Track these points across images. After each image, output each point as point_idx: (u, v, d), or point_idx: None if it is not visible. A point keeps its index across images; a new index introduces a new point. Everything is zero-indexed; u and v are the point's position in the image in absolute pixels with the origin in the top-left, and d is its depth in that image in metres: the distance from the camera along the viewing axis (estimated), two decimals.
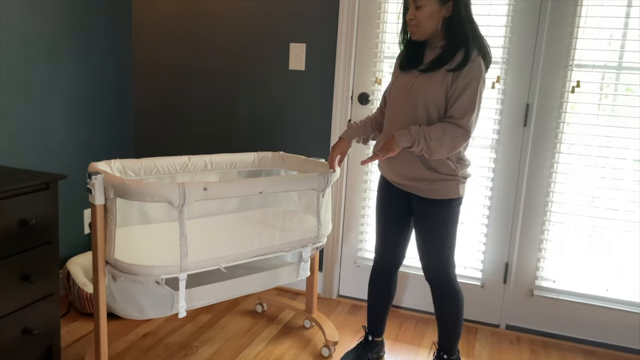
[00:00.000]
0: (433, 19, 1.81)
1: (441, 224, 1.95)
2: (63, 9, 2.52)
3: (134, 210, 2.05)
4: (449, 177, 1.89)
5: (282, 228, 2.18)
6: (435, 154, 1.82)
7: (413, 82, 1.88)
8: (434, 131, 1.80)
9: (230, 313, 2.68)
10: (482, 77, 1.80)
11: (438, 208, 1.93)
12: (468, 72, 1.78)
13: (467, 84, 1.78)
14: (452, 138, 1.80)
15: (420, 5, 1.80)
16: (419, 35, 1.86)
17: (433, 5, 1.79)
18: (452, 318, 2.05)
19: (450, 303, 2.04)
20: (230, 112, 2.93)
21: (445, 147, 1.81)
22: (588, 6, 2.33)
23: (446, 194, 1.91)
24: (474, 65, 1.79)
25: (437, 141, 1.79)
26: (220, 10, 2.85)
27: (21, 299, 1.92)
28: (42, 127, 2.50)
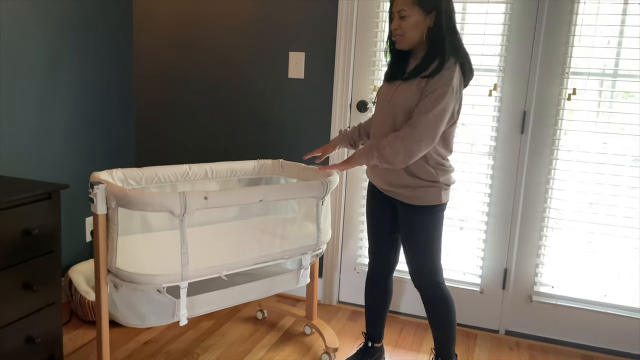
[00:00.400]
0: (417, 29, 1.86)
1: (424, 230, 1.98)
2: (64, 20, 2.55)
3: (135, 218, 2.07)
4: (430, 184, 1.93)
5: (282, 235, 2.20)
6: (393, 162, 1.85)
7: (394, 91, 1.93)
8: (387, 140, 1.85)
9: (232, 320, 2.69)
10: (451, 85, 1.81)
11: (421, 214, 1.96)
12: (438, 80, 1.81)
13: (434, 89, 1.81)
14: (405, 143, 1.82)
15: (404, 16, 1.84)
16: (404, 44, 1.90)
17: (417, 16, 1.84)
18: (444, 322, 2.08)
19: (440, 308, 2.06)
20: (231, 120, 2.95)
21: (402, 153, 1.83)
22: (584, 15, 2.36)
23: (428, 200, 1.94)
24: (446, 73, 1.81)
25: (390, 148, 1.83)
26: (220, 20, 2.88)
27: (24, 307, 1.93)
28: (44, 137, 2.53)
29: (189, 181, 2.34)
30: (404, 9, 1.84)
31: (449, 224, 2.67)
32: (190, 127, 3.03)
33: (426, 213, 1.96)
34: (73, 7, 2.59)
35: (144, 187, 2.20)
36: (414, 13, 1.83)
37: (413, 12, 1.83)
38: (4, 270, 1.84)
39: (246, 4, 2.81)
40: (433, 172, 1.92)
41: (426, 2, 1.82)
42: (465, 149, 2.61)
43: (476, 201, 2.63)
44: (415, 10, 1.83)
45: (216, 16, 2.88)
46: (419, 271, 2.04)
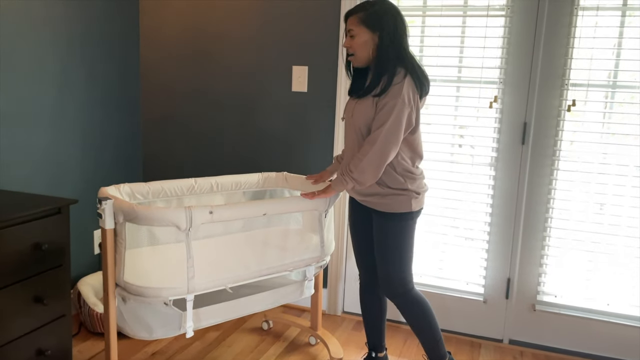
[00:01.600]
0: (367, 47, 1.94)
1: (392, 237, 2.02)
2: (72, 36, 2.62)
3: (142, 232, 2.11)
4: (399, 192, 1.98)
5: (286, 248, 2.24)
6: (365, 181, 1.94)
7: (353, 108, 2.02)
8: (353, 163, 1.94)
9: (238, 331, 2.73)
10: (400, 96, 1.87)
11: (390, 221, 2.01)
12: (387, 94, 1.90)
13: (385, 103, 1.89)
14: (368, 159, 1.90)
15: (354, 35, 1.94)
16: (358, 62, 1.99)
17: (365, 35, 1.93)
18: (423, 325, 2.11)
19: (415, 313, 2.09)
20: (235, 133, 3.00)
21: (368, 170, 1.92)
22: (582, 27, 2.39)
23: (398, 207, 1.99)
24: (395, 88, 1.89)
25: (356, 170, 1.93)
26: (224, 35, 2.93)
27: (34, 320, 1.98)
28: (54, 153, 2.58)
29: (195, 194, 2.39)
30: (352, 28, 1.95)
31: (453, 235, 2.71)
32: (196, 141, 3.09)
33: (396, 220, 2.01)
34: (80, 25, 2.66)
35: (150, 201, 2.25)
36: (362, 32, 1.93)
37: (360, 31, 1.93)
38: (15, 285, 1.89)
39: (250, 19, 2.87)
40: (401, 180, 1.98)
41: (371, 22, 1.92)
42: (467, 160, 2.64)
43: (478, 211, 2.66)
44: (362, 29, 1.93)
45: (221, 32, 2.94)
46: (388, 280, 2.08)
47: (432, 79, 2.61)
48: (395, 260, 2.04)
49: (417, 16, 2.63)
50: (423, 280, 2.80)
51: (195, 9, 2.96)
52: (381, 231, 2.04)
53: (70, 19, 2.59)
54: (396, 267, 2.04)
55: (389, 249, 2.04)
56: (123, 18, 2.94)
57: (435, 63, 2.62)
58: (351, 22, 1.95)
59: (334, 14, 2.71)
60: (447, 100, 2.64)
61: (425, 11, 2.61)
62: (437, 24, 2.60)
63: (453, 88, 2.63)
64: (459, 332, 2.79)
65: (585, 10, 2.38)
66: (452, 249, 2.73)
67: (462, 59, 2.59)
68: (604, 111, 2.44)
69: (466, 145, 2.65)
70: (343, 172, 1.98)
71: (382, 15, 1.91)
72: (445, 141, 2.65)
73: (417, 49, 2.64)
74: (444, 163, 2.66)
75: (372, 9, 1.93)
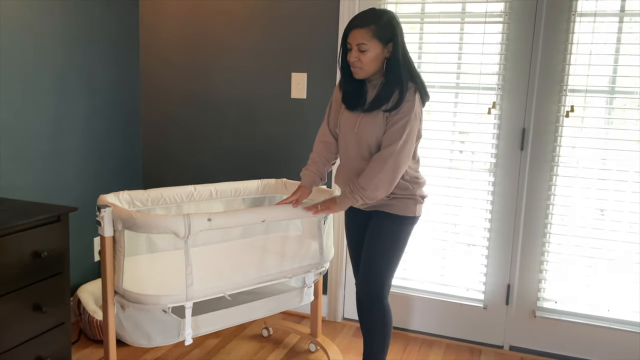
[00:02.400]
0: (377, 61, 1.91)
1: (387, 237, 2.02)
2: (71, 44, 2.63)
3: (141, 239, 2.12)
4: (407, 196, 1.99)
5: (285, 254, 2.24)
6: (378, 196, 1.93)
7: (359, 121, 1.99)
8: (365, 180, 1.91)
9: (237, 338, 2.72)
10: (413, 113, 1.89)
11: (391, 222, 2.01)
12: (400, 111, 1.89)
13: (398, 119, 1.89)
14: (381, 176, 1.89)
15: (365, 50, 1.88)
16: (363, 75, 1.95)
17: (377, 49, 1.89)
18: (378, 335, 2.10)
19: (378, 322, 2.09)
20: (235, 140, 3.01)
21: (382, 186, 1.90)
22: (579, 34, 2.40)
23: (404, 210, 2.00)
24: (407, 105, 1.89)
25: (370, 187, 1.91)
26: (224, 42, 2.95)
27: (34, 328, 1.98)
28: (54, 161, 2.59)
29: (194, 201, 2.39)
30: (364, 42, 1.87)
31: (453, 241, 2.71)
32: (195, 148, 3.09)
33: (397, 222, 2.01)
34: (80, 33, 2.67)
35: (150, 209, 2.26)
36: (374, 46, 1.88)
37: (373, 45, 1.88)
38: (14, 292, 1.89)
39: (249, 27, 2.88)
40: (410, 187, 1.99)
41: (384, 34, 1.88)
42: (466, 166, 2.64)
43: (478, 217, 2.66)
44: (374, 43, 1.88)
45: (220, 39, 2.95)
46: (366, 278, 2.06)
47: (431, 85, 2.62)
48: (383, 263, 2.03)
49: (416, 23, 2.64)
50: (424, 286, 2.80)
51: (195, 16, 2.97)
52: (378, 230, 2.03)
53: (69, 27, 2.60)
54: (382, 269, 2.03)
55: (380, 250, 2.03)
56: (122, 25, 2.95)
57: (433, 69, 2.63)
58: (362, 36, 1.87)
59: (333, 21, 2.72)
60: (445, 106, 2.64)
61: (424, 18, 2.62)
62: (435, 30, 2.61)
63: (451, 94, 2.63)
64: (459, 338, 2.78)
65: (583, 17, 2.38)
66: (452, 255, 2.72)
67: (460, 65, 2.60)
68: (603, 117, 2.45)
69: (465, 151, 2.66)
70: (352, 190, 1.94)
71: (395, 27, 1.89)
72: (445, 147, 2.66)
73: (415, 56, 2.65)
74: (443, 169, 2.66)
75: (383, 21, 1.87)
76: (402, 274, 2.80)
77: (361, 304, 2.15)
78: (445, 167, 2.66)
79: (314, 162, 2.18)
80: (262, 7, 2.84)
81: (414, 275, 2.81)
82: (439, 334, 2.81)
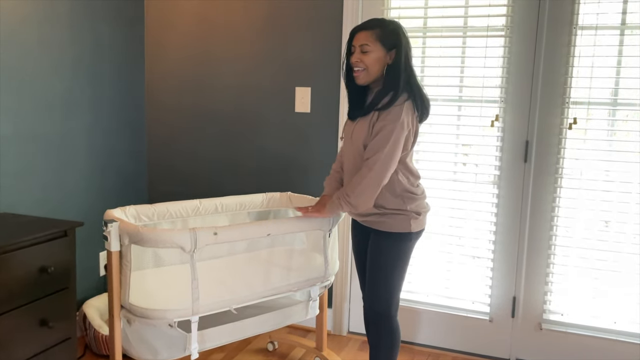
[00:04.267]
0: (378, 65, 1.92)
1: (386, 257, 2.00)
2: (77, 60, 2.66)
3: (147, 254, 2.13)
4: (397, 212, 1.97)
5: (290, 268, 2.25)
6: (360, 205, 1.92)
7: (354, 127, 2.00)
8: (350, 187, 1.93)
9: (242, 352, 2.72)
10: (399, 120, 1.87)
11: (387, 240, 1.99)
12: (386, 115, 1.88)
13: (383, 126, 1.88)
14: (365, 182, 1.89)
15: (367, 51, 1.90)
16: (364, 79, 1.95)
17: (379, 52, 1.90)
18: (385, 353, 2.08)
19: (385, 339, 2.07)
20: (239, 154, 3.03)
21: (365, 194, 1.90)
22: (581, 47, 2.42)
23: (396, 227, 1.97)
24: (394, 110, 1.88)
25: (353, 194, 1.91)
26: (228, 57, 2.98)
27: (40, 343, 1.98)
28: (59, 175, 2.61)
29: (200, 216, 2.40)
30: (367, 43, 1.90)
31: (458, 254, 2.70)
32: (200, 162, 3.11)
33: (393, 240, 1.99)
34: (86, 49, 2.70)
35: (156, 223, 2.27)
36: (377, 49, 1.90)
37: (376, 47, 1.90)
38: (21, 308, 1.90)
39: (253, 42, 2.91)
40: (399, 202, 1.96)
41: (388, 39, 1.90)
42: (470, 179, 2.65)
43: (483, 230, 2.66)
44: (377, 46, 1.90)
45: (225, 55, 2.98)
46: (373, 298, 2.05)
47: (434, 99, 2.64)
48: (386, 280, 2.01)
49: (418, 37, 2.67)
50: (430, 299, 2.79)
51: (199, 32, 3.01)
52: (376, 249, 2.02)
53: (76, 44, 2.64)
54: (384, 286, 2.02)
55: (381, 269, 2.01)
56: (128, 42, 2.99)
57: (436, 83, 2.65)
58: (365, 37, 1.90)
59: (336, 36, 2.75)
60: (448, 119, 2.66)
61: (426, 32, 2.65)
62: (438, 44, 2.63)
63: (454, 107, 2.65)
64: (465, 351, 2.77)
65: (584, 30, 2.40)
66: (457, 268, 2.72)
67: (462, 78, 2.62)
68: (606, 129, 2.46)
69: (469, 163, 2.67)
70: (339, 196, 1.97)
71: (400, 36, 1.91)
72: (448, 160, 2.67)
73: (418, 70, 2.67)
74: (447, 182, 2.67)
75: (388, 28, 1.91)
76: (407, 287, 2.79)
77: (368, 321, 2.14)
78: (449, 179, 2.67)
79: (335, 172, 2.22)
80: (266, 22, 2.88)
81: (419, 288, 2.80)
82: (445, 347, 2.80)
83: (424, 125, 2.66)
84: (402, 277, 2.05)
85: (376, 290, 2.04)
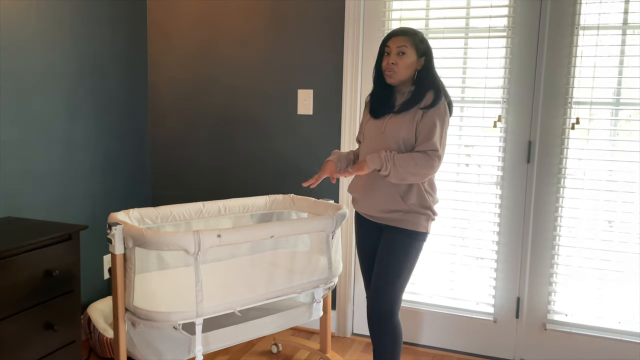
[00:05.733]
0: (411, 68, 2.04)
1: (398, 253, 2.04)
2: (81, 66, 2.68)
3: (152, 257, 2.13)
4: (422, 210, 2.03)
5: (294, 270, 2.25)
6: (402, 179, 1.98)
7: (387, 123, 2.06)
8: (402, 158, 1.97)
9: (247, 354, 2.72)
10: (447, 118, 2.03)
11: (403, 237, 2.04)
12: (435, 111, 2.00)
13: (435, 120, 1.99)
14: (420, 166, 1.96)
15: (405, 52, 2.01)
16: (395, 79, 2.05)
17: (413, 56, 2.03)
18: (388, 352, 2.10)
19: (389, 337, 2.09)
20: (242, 157, 3.03)
21: (412, 173, 1.97)
22: (583, 47, 2.42)
23: (416, 226, 2.03)
24: (441, 106, 2.01)
25: (403, 168, 1.96)
26: (232, 62, 2.99)
27: (45, 347, 1.99)
28: (63, 179, 2.62)
29: (203, 218, 2.41)
30: (405, 45, 2.02)
31: (461, 254, 2.70)
32: (203, 164, 3.12)
33: (409, 238, 2.04)
34: (90, 54, 2.72)
35: (159, 226, 2.27)
36: (412, 53, 2.03)
37: (411, 51, 2.03)
38: (26, 311, 1.91)
39: (256, 44, 2.92)
40: (426, 197, 2.04)
41: (419, 46, 2.04)
42: (473, 180, 2.65)
43: (486, 231, 2.66)
44: (413, 51, 2.03)
45: (227, 57, 2.99)
46: (378, 293, 2.07)
47: None
48: (394, 277, 2.04)
49: None
50: (433, 300, 2.79)
51: (202, 35, 3.02)
52: (390, 245, 2.05)
53: (79, 47, 2.65)
54: (391, 283, 2.04)
55: (392, 264, 2.04)
56: (131, 46, 3.00)
57: None
58: (404, 41, 2.01)
59: (339, 39, 2.75)
60: (451, 120, 2.63)
61: (428, 34, 2.65)
62: (440, 45, 2.63)
63: (457, 108, 2.64)
64: (469, 352, 2.76)
65: (586, 30, 2.40)
66: (461, 269, 2.72)
67: (465, 79, 2.62)
68: (609, 128, 2.45)
69: (472, 164, 2.67)
70: (387, 158, 1.95)
71: (428, 45, 2.06)
72: (451, 161, 2.67)
73: None
74: (450, 183, 2.67)
75: (419, 36, 2.04)
76: (411, 288, 2.79)
77: (372, 319, 2.14)
78: (452, 180, 2.67)
79: (345, 152, 2.27)
80: (268, 25, 2.89)
81: (423, 289, 2.80)
82: (449, 348, 2.80)
83: None
84: (409, 277, 2.08)
85: (384, 288, 2.05)
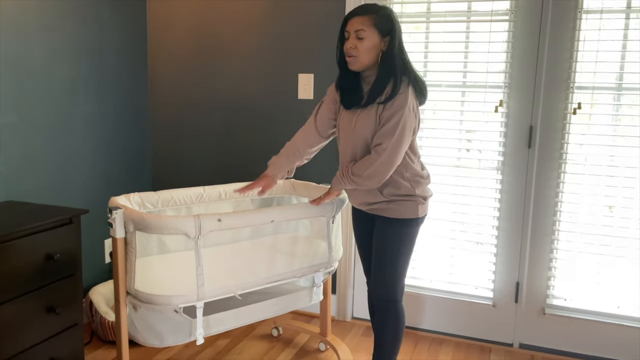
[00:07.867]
0: (373, 51, 1.89)
1: (393, 242, 2.01)
2: (81, 47, 2.66)
3: (152, 241, 2.14)
4: (406, 198, 1.98)
5: (295, 254, 2.26)
6: (369, 185, 1.94)
7: (356, 119, 1.98)
8: (357, 168, 1.94)
9: (247, 338, 2.74)
10: (406, 106, 1.87)
11: (395, 226, 2.00)
12: (393, 103, 1.87)
13: (392, 114, 1.87)
14: (375, 168, 1.90)
15: (362, 37, 1.87)
16: (357, 65, 1.92)
17: (374, 39, 1.87)
18: (390, 337, 2.09)
19: (390, 323, 2.08)
20: (243, 142, 3.03)
21: (374, 178, 1.92)
22: (586, 31, 2.40)
23: (405, 213, 1.98)
24: (400, 97, 1.87)
25: (362, 177, 1.93)
26: (231, 45, 2.97)
27: (47, 330, 2.01)
28: (65, 164, 2.62)
29: (204, 203, 2.41)
30: (362, 29, 1.86)
31: (461, 239, 2.71)
32: (204, 150, 3.12)
33: (400, 226, 2.00)
34: (90, 39, 2.70)
35: (160, 210, 2.28)
36: (372, 35, 1.87)
37: (371, 33, 1.87)
38: (28, 294, 1.92)
39: (256, 29, 2.90)
40: (408, 186, 1.97)
41: (382, 25, 1.87)
42: (474, 165, 2.65)
43: (486, 216, 2.66)
44: (372, 32, 1.87)
45: (227, 43, 2.97)
46: (379, 282, 2.06)
47: (437, 84, 2.63)
48: (392, 264, 2.03)
49: (421, 22, 2.65)
50: (433, 285, 2.81)
51: (202, 20, 3.00)
52: (384, 235, 2.03)
53: (79, 34, 2.63)
54: (390, 270, 2.03)
55: (388, 254, 2.02)
56: (131, 31, 2.98)
57: (440, 68, 2.64)
58: (361, 22, 1.86)
59: (339, 22, 2.72)
60: (452, 105, 2.65)
61: (429, 17, 2.63)
62: (442, 29, 2.61)
63: (458, 93, 2.64)
64: (468, 336, 2.79)
65: (589, 14, 2.38)
66: (461, 254, 2.73)
67: (466, 64, 2.60)
68: (610, 113, 2.44)
69: (473, 149, 2.66)
70: (344, 174, 1.98)
71: (393, 21, 1.89)
72: (452, 146, 2.66)
73: (421, 55, 2.66)
74: (451, 168, 2.67)
75: (382, 13, 1.88)
76: (411, 272, 2.80)
77: (373, 307, 2.15)
78: (453, 165, 2.67)
79: (286, 155, 2.19)
80: (268, 9, 2.86)
81: (422, 274, 2.82)
82: (449, 332, 2.82)
83: (427, 111, 2.68)
84: (408, 262, 2.06)
85: (382, 276, 2.05)
